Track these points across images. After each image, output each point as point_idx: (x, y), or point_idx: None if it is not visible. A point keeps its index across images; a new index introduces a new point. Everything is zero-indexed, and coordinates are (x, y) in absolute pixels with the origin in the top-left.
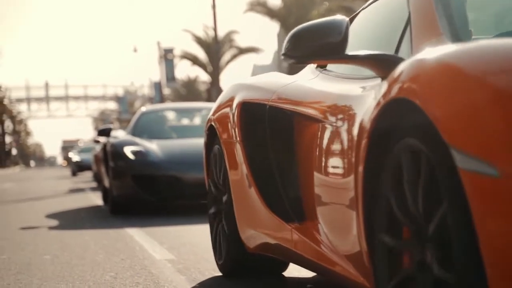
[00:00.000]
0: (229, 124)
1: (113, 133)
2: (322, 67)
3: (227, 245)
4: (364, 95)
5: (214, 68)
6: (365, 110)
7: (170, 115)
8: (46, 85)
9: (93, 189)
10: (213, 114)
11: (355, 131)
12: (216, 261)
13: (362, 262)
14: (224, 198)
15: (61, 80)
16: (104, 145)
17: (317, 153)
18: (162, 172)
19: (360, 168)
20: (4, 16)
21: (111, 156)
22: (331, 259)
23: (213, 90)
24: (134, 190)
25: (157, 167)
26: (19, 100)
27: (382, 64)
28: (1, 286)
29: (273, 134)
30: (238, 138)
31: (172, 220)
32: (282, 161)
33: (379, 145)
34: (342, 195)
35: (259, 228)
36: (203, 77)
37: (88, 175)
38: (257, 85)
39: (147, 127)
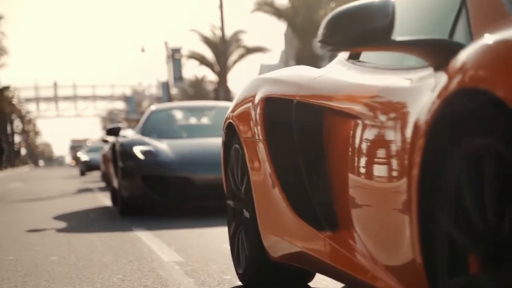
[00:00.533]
0: (251, 122)
1: (122, 132)
2: (354, 58)
3: (248, 253)
4: (414, 87)
5: (222, 67)
6: (419, 105)
7: (180, 114)
8: (55, 85)
9: (101, 189)
10: (233, 111)
11: (407, 129)
12: (236, 270)
13: (411, 274)
14: (245, 202)
15: (70, 80)
16: (113, 145)
17: (354, 153)
18: (173, 173)
19: (415, 171)
20: (12, 16)
21: (120, 156)
22: (370, 271)
23: (221, 90)
24: (144, 191)
25: (167, 168)
26: (28, 100)
27: (436, 51)
28: None
29: (300, 132)
30: (261, 137)
31: (180, 222)
32: (311, 162)
33: (439, 144)
34: (389, 201)
35: (284, 236)
36: (211, 76)
37: (96, 174)
38: (282, 79)
39: (157, 127)
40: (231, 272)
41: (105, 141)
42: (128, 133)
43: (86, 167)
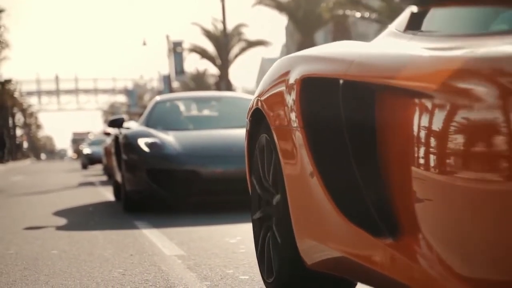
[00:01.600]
0: (285, 107)
1: (125, 124)
2: (414, 28)
3: (279, 259)
4: None
5: (223, 61)
6: None
7: (186, 105)
8: (56, 79)
9: (103, 182)
10: (260, 95)
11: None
12: (264, 279)
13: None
14: (275, 199)
15: (71, 74)
16: (116, 137)
17: (422, 142)
18: (180, 166)
19: None
20: (14, 9)
21: (124, 149)
22: (441, 283)
23: (222, 84)
24: (149, 185)
25: (174, 161)
26: (30, 93)
27: None
28: (7, 283)
29: (349, 118)
30: (298, 124)
31: (181, 215)
32: (363, 153)
33: None
34: (479, 201)
35: (325, 240)
36: (212, 70)
37: (98, 168)
38: (324, 55)
39: (162, 118)
40: (234, 267)
41: (107, 134)
42: (132, 125)
43: (88, 160)
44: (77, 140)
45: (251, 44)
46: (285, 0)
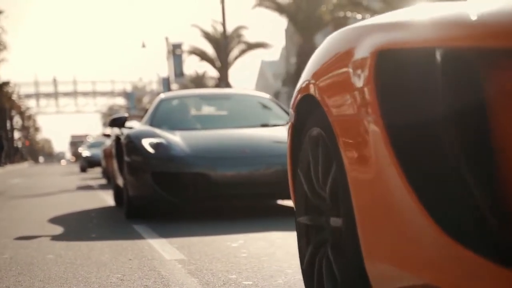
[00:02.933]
0: (353, 91)
1: (128, 124)
2: None
3: (339, 284)
4: None
5: (223, 63)
6: None
7: (194, 103)
8: (54, 81)
9: (102, 186)
10: (314, 78)
11: None
12: None
13: None
14: (335, 210)
15: (70, 76)
16: (117, 137)
17: None
18: (188, 169)
19: None
20: (12, 11)
21: (127, 150)
22: None
23: (222, 86)
24: (154, 190)
25: (181, 163)
26: (28, 96)
27: None
28: None
29: (456, 101)
30: (374, 113)
31: (181, 217)
32: (480, 152)
33: None
34: None
35: (413, 265)
36: (211, 72)
37: (97, 170)
38: (408, 21)
39: (168, 116)
40: (236, 272)
41: (107, 136)
42: (135, 124)
43: (88, 163)
44: (76, 142)
45: (251, 46)
46: (286, 2)
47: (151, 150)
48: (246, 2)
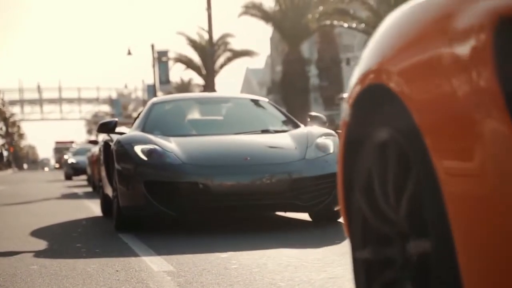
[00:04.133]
0: (459, 77)
1: (118, 129)
2: None
3: None
4: None
5: (209, 71)
6: None
7: (188, 107)
8: (38, 88)
9: (88, 194)
10: (386, 63)
11: None
12: None
13: None
14: (416, 239)
15: (55, 82)
16: (105, 143)
17: None
18: (184, 178)
19: None
20: None
21: (118, 157)
22: None
23: None
24: (147, 200)
25: (177, 171)
26: (12, 103)
27: None
28: None
29: None
30: (493, 105)
31: (168, 226)
32: None
33: None
34: None
35: None
36: (197, 80)
37: (83, 177)
38: None
39: (161, 121)
40: (228, 284)
41: (93, 142)
42: (125, 130)
43: (73, 170)
44: (60, 149)
45: (236, 54)
46: (272, 10)
47: (144, 157)
48: (232, 10)
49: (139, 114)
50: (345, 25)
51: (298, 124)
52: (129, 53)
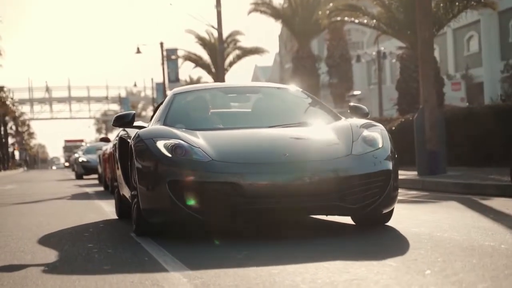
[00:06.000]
0: None
1: (136, 123)
2: None
3: None
4: None
5: (218, 69)
6: None
7: (214, 98)
8: (46, 87)
9: (99, 194)
10: None
11: None
12: None
13: None
14: None
15: (64, 81)
16: (121, 139)
17: None
18: (214, 177)
19: None
20: (5, 16)
21: (138, 154)
22: None
23: None
24: (172, 202)
25: (205, 170)
26: (22, 102)
27: None
28: None
29: None
30: None
31: (180, 226)
32: None
33: None
34: None
35: None
36: (206, 78)
37: (94, 176)
38: None
39: (183, 114)
40: (246, 286)
41: (105, 140)
42: (144, 124)
43: (84, 169)
44: (70, 147)
45: (246, 51)
46: (281, 7)
47: (167, 153)
48: (240, 8)
49: (158, 106)
50: (356, 21)
51: (338, 116)
52: (138, 51)
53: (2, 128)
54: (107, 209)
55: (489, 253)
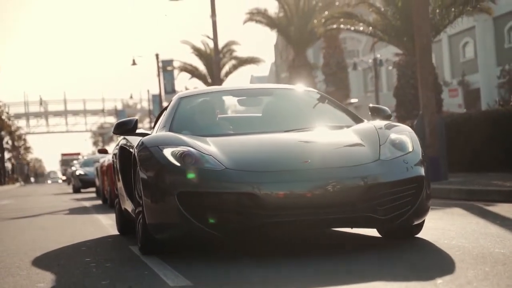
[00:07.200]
0: None
1: (139, 131)
2: None
3: None
4: None
5: (214, 79)
6: None
7: (222, 102)
8: (41, 101)
9: (96, 208)
10: None
11: None
12: None
13: None
14: None
15: (60, 95)
16: (121, 148)
17: None
18: (229, 188)
19: None
20: (1, 30)
21: (142, 163)
22: None
23: None
24: (182, 217)
25: (219, 180)
26: (18, 116)
27: None
28: None
29: None
30: None
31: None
32: None
33: None
34: None
35: None
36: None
37: (92, 189)
38: None
39: (191, 119)
40: None
41: (103, 151)
42: (147, 132)
43: (82, 183)
44: (67, 161)
45: (242, 61)
46: (276, 16)
47: (176, 162)
48: (235, 18)
49: (162, 112)
50: (352, 28)
51: (359, 118)
52: (134, 63)
53: None
54: (105, 223)
55: (501, 261)
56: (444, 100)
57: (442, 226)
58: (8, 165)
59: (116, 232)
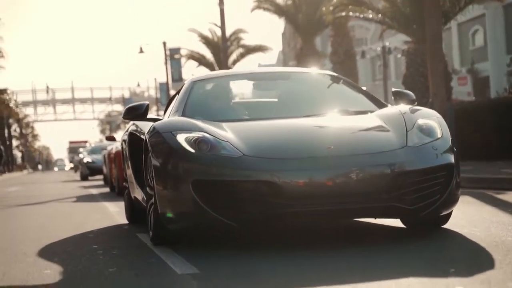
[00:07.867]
0: None
1: (150, 115)
2: None
3: None
4: None
5: (221, 67)
6: None
7: (237, 86)
8: (47, 89)
9: (104, 195)
10: None
11: None
12: None
13: None
14: None
15: (68, 83)
16: (131, 135)
17: None
18: (246, 176)
19: None
20: (8, 18)
21: (155, 150)
22: None
23: None
24: (197, 206)
25: (236, 167)
26: (26, 104)
27: None
28: None
29: None
30: None
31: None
32: None
33: None
34: None
35: None
36: None
37: (99, 177)
38: None
39: (204, 104)
40: None
41: (110, 139)
42: (158, 117)
43: (89, 170)
44: (74, 148)
45: (249, 49)
46: (285, 3)
47: (190, 149)
48: (243, 5)
49: (173, 96)
50: (361, 16)
51: (383, 103)
52: (141, 51)
53: (6, 131)
54: (112, 210)
55: None
56: (453, 88)
57: (452, 215)
58: (16, 152)
59: (123, 220)
